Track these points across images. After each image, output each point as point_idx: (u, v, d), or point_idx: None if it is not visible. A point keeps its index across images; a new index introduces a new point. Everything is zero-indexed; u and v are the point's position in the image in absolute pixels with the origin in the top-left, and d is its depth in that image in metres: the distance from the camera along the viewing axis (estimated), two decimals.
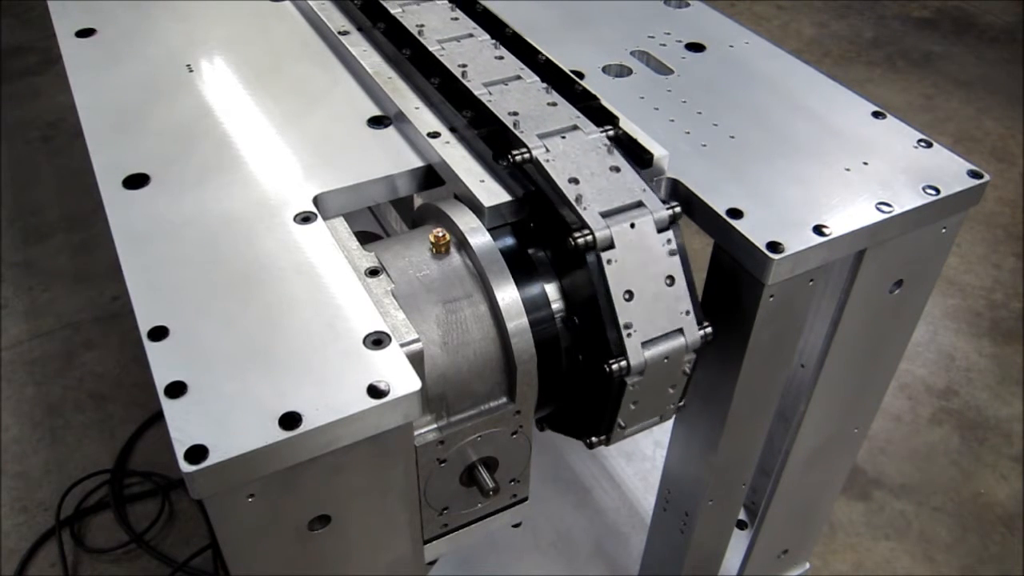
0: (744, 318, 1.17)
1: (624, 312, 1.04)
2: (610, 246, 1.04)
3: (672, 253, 1.08)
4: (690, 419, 1.39)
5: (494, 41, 1.36)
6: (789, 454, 1.48)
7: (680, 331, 1.09)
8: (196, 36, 1.53)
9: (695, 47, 1.52)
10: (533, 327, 1.05)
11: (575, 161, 1.12)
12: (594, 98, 1.23)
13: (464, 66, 1.28)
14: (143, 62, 1.46)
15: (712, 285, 1.21)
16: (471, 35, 1.38)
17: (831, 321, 1.31)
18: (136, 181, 1.19)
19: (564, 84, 1.26)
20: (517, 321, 1.04)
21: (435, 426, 1.06)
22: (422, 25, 1.39)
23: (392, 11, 1.42)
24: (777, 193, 1.19)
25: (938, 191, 1.20)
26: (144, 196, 1.17)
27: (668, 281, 1.08)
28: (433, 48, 1.33)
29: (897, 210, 1.17)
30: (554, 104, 1.21)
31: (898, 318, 1.39)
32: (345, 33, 1.45)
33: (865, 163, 1.26)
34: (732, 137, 1.29)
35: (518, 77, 1.28)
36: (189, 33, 1.54)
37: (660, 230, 1.08)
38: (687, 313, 1.09)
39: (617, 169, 1.12)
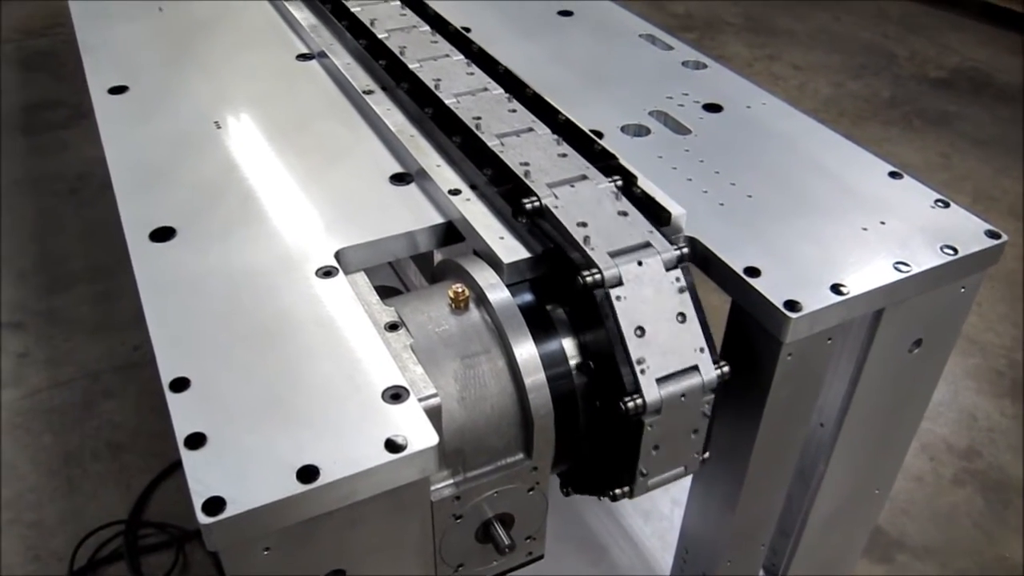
0: (762, 376, 1.16)
1: (636, 348, 1.05)
2: (618, 283, 1.06)
3: (682, 290, 1.09)
4: (708, 477, 1.37)
5: (508, 95, 1.41)
6: (809, 514, 1.46)
7: (696, 368, 1.08)
8: (225, 93, 1.57)
9: (713, 108, 1.54)
10: (550, 382, 1.06)
11: (584, 207, 1.15)
12: (613, 157, 1.25)
13: (479, 118, 1.32)
14: (172, 118, 1.49)
15: (730, 343, 1.21)
16: (485, 88, 1.42)
17: (850, 380, 1.30)
18: (162, 234, 1.21)
19: (583, 143, 1.28)
20: (535, 376, 1.04)
21: (451, 481, 1.06)
22: (439, 79, 1.43)
23: (420, 75, 1.45)
24: (794, 252, 1.20)
25: (956, 251, 1.21)
26: (170, 249, 1.19)
27: (680, 318, 1.08)
28: (449, 101, 1.36)
29: (915, 269, 1.17)
30: (564, 155, 1.25)
31: (918, 378, 1.38)
32: (369, 92, 1.49)
33: (882, 222, 1.26)
34: (749, 196, 1.31)
35: (530, 129, 1.31)
36: (218, 91, 1.58)
37: (668, 269, 1.09)
38: (701, 350, 1.09)
39: (625, 214, 1.15)
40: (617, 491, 1.15)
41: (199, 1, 1.95)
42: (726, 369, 1.11)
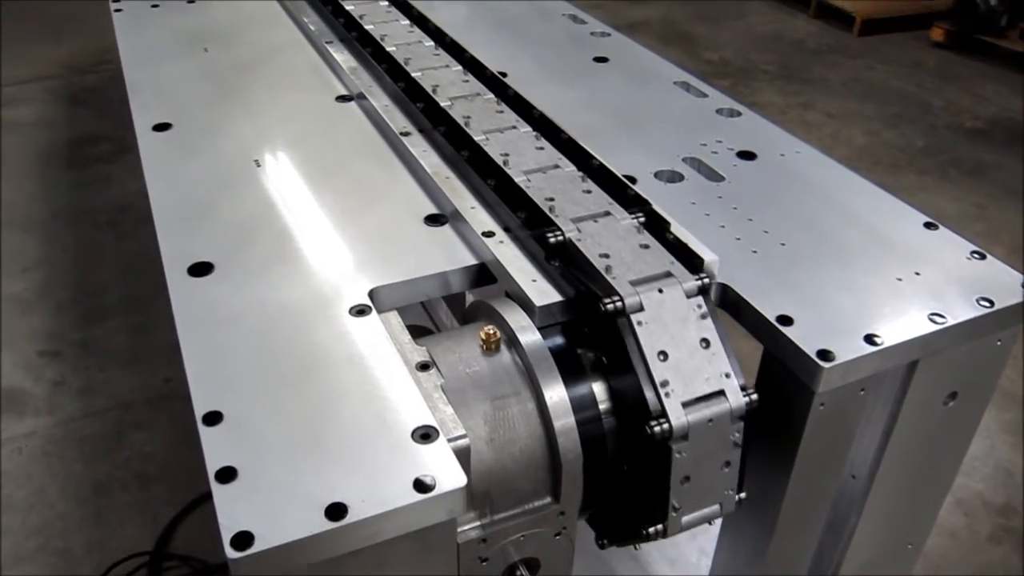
0: (794, 426, 1.15)
1: (659, 371, 1.05)
2: (639, 309, 1.06)
3: (704, 316, 1.09)
4: (737, 526, 1.36)
5: (536, 132, 1.44)
6: (840, 568, 1.43)
7: (722, 393, 1.08)
8: (265, 133, 1.60)
9: (746, 155, 1.55)
10: (580, 426, 1.05)
11: (606, 240, 1.17)
12: (646, 203, 1.26)
13: (506, 154, 1.35)
14: (214, 156, 1.53)
15: (761, 392, 1.20)
16: (514, 126, 1.45)
17: (883, 432, 1.29)
18: (201, 269, 1.24)
19: (617, 189, 1.29)
20: (564, 420, 1.04)
21: (478, 523, 1.06)
22: (468, 116, 1.46)
23: (455, 118, 1.47)
24: (828, 301, 1.19)
25: (992, 303, 1.19)
26: (207, 284, 1.21)
27: (703, 343, 1.08)
28: (479, 138, 1.39)
29: (950, 321, 1.16)
30: (588, 192, 1.27)
31: (953, 431, 1.36)
32: (407, 134, 1.51)
33: (917, 273, 1.26)
34: (783, 244, 1.31)
35: (556, 166, 1.35)
36: (259, 130, 1.61)
37: (690, 297, 1.10)
38: (727, 376, 1.08)
39: (646, 246, 1.16)
40: (650, 530, 1.13)
41: (243, 43, 2.01)
42: (754, 396, 1.09)
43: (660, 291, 1.09)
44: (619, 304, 1.06)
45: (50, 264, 3.54)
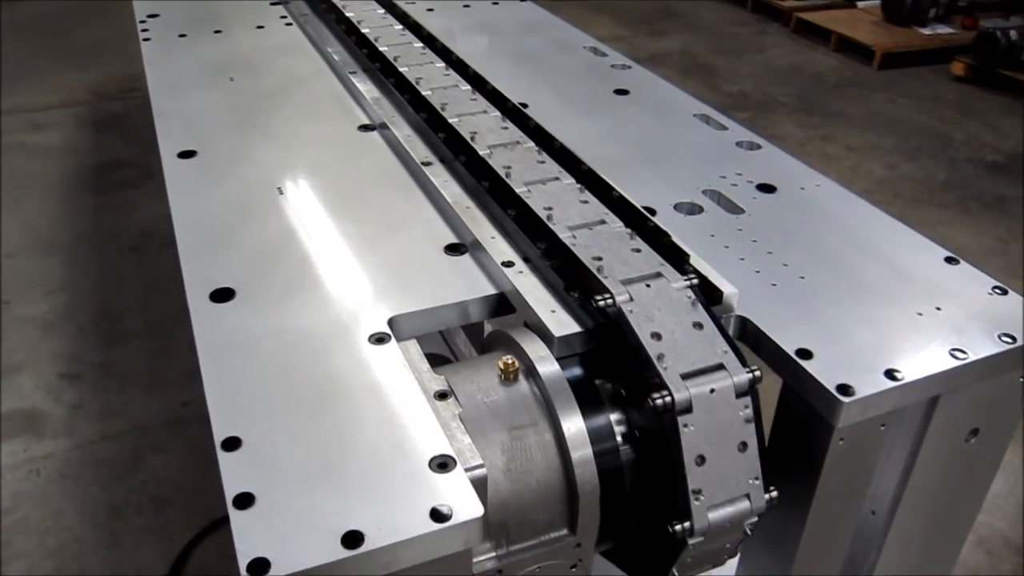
0: (813, 461, 1.14)
1: (695, 478, 1.03)
2: (688, 410, 1.03)
3: (748, 420, 1.07)
4: (755, 563, 1.34)
5: (544, 157, 1.46)
6: None
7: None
8: (288, 161, 1.62)
9: (766, 188, 1.55)
10: (597, 458, 1.05)
11: (658, 314, 1.11)
12: (666, 235, 1.26)
13: (549, 209, 1.32)
14: (237, 183, 1.55)
15: (780, 426, 1.20)
16: (533, 156, 1.46)
17: (903, 468, 1.27)
18: (222, 295, 1.25)
19: (636, 220, 1.29)
20: (582, 451, 1.04)
21: (494, 554, 1.05)
22: (490, 147, 1.48)
23: (480, 152, 1.48)
24: (847, 335, 1.19)
25: (1014, 339, 1.19)
26: (229, 309, 1.23)
27: (741, 447, 1.06)
28: (519, 190, 1.37)
29: (972, 357, 1.16)
30: (638, 251, 1.22)
31: (975, 468, 1.35)
32: (428, 164, 1.53)
33: (938, 308, 1.25)
34: (802, 277, 1.30)
35: (602, 222, 1.29)
36: (282, 158, 1.63)
37: (738, 395, 1.06)
38: (756, 479, 1.07)
39: (700, 326, 1.10)
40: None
41: (269, 72, 2.04)
42: (775, 495, 1.08)
43: (712, 391, 1.05)
44: (668, 400, 1.02)
45: (72, 287, 3.58)
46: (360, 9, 2.22)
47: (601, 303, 1.09)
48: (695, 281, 1.16)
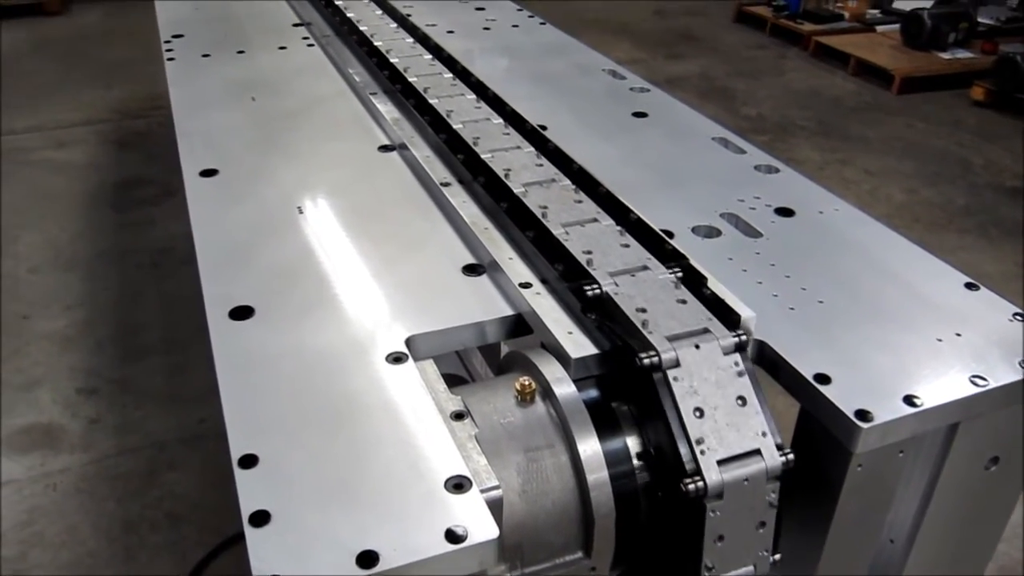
0: (830, 487, 1.14)
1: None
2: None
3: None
4: None
5: (574, 186, 1.46)
6: None
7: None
8: (308, 180, 1.64)
9: (784, 212, 1.55)
10: (613, 481, 1.05)
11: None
12: (683, 257, 1.26)
13: (545, 207, 1.35)
14: (258, 202, 1.56)
15: (797, 451, 1.19)
16: (553, 179, 1.46)
17: (922, 495, 1.26)
18: (241, 313, 1.26)
19: (654, 243, 1.29)
20: (597, 474, 1.04)
21: None
22: (508, 168, 1.49)
23: (495, 169, 1.49)
24: (866, 360, 1.18)
25: None
26: (247, 327, 1.23)
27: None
28: (520, 194, 1.40)
29: (992, 384, 1.15)
30: (627, 246, 1.28)
31: (995, 496, 1.33)
32: (446, 184, 1.54)
33: (958, 334, 1.24)
34: (820, 302, 1.30)
35: (594, 220, 1.35)
36: (302, 177, 1.65)
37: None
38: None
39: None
40: None
41: (290, 93, 2.06)
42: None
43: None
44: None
45: (92, 303, 3.61)
46: (386, 37, 2.24)
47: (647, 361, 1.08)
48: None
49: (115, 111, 5.52)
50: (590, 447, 1.05)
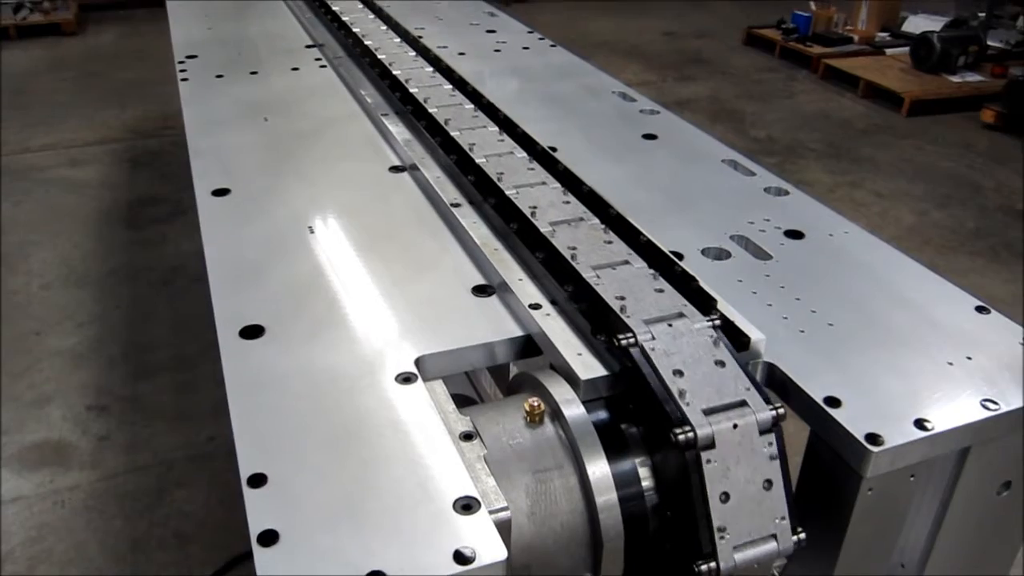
0: (840, 511, 1.13)
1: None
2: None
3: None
4: None
5: (611, 236, 1.41)
6: None
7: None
8: (320, 200, 1.65)
9: (794, 234, 1.55)
10: (622, 503, 1.04)
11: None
12: (693, 279, 1.26)
13: (574, 248, 1.31)
14: (269, 222, 1.57)
15: (807, 474, 1.19)
16: (581, 218, 1.43)
17: (934, 520, 1.25)
18: (252, 332, 1.26)
19: (663, 264, 1.30)
20: (607, 496, 1.03)
21: None
22: (518, 188, 1.49)
23: (506, 191, 1.49)
24: (877, 383, 1.18)
25: None
26: (258, 346, 1.24)
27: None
28: (544, 230, 1.38)
29: (1003, 408, 1.14)
30: (661, 291, 1.22)
31: (1007, 522, 1.32)
32: (457, 205, 1.55)
33: (969, 358, 1.24)
34: (830, 325, 1.30)
35: (626, 262, 1.30)
36: (313, 197, 1.66)
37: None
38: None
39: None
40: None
41: (302, 114, 2.08)
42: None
43: (735, 426, 1.05)
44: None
45: (103, 320, 3.63)
46: (398, 59, 2.26)
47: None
48: (718, 322, 1.18)
49: (129, 130, 5.58)
50: (599, 469, 1.04)
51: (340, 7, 2.78)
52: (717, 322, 1.16)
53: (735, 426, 1.04)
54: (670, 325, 1.14)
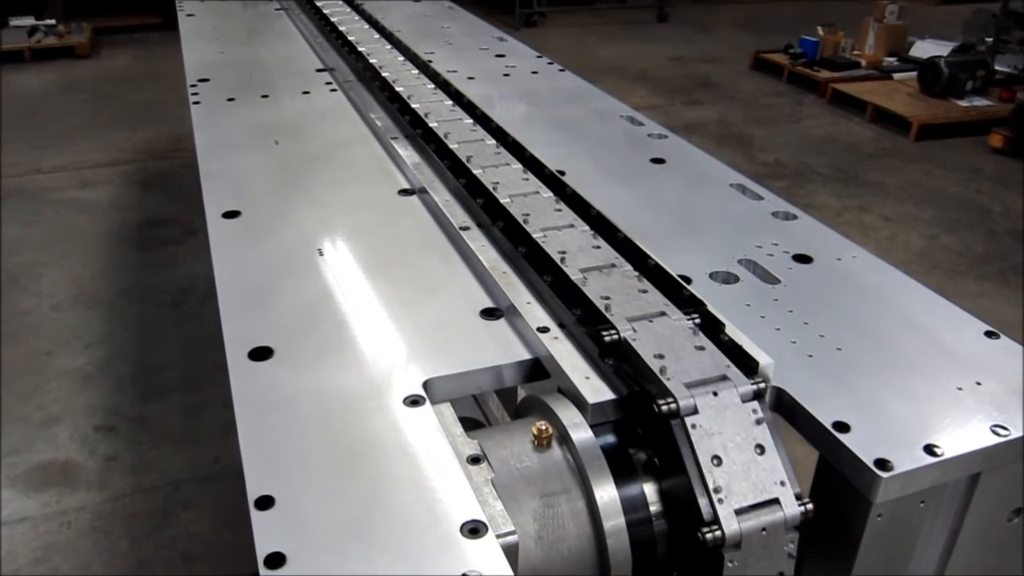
0: (850, 537, 1.12)
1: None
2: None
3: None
4: None
5: (593, 231, 1.44)
6: None
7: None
8: (329, 223, 1.66)
9: (802, 258, 1.55)
10: (630, 528, 1.04)
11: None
12: (701, 303, 1.26)
13: (608, 299, 1.27)
14: (279, 244, 1.58)
15: (817, 500, 1.18)
16: (572, 224, 1.46)
17: (944, 547, 1.24)
18: (261, 353, 1.27)
19: (671, 288, 1.30)
20: (614, 521, 1.03)
21: None
22: (527, 212, 1.50)
23: (534, 235, 1.45)
24: (886, 408, 1.17)
25: None
26: (266, 368, 1.24)
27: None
28: (539, 239, 1.40)
29: (1014, 434, 1.13)
30: (645, 291, 1.27)
31: (1019, 549, 1.31)
32: (466, 228, 1.55)
33: (978, 383, 1.23)
34: (839, 349, 1.29)
35: (613, 265, 1.35)
36: (323, 220, 1.67)
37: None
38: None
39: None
40: None
41: (313, 137, 2.09)
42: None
43: (715, 394, 1.08)
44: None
45: (112, 341, 3.64)
46: (408, 83, 2.28)
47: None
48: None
49: (140, 152, 5.62)
50: (607, 493, 1.04)
51: (354, 36, 2.80)
52: (761, 386, 1.13)
53: (715, 394, 1.07)
54: (715, 394, 1.10)
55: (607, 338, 1.17)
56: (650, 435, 1.11)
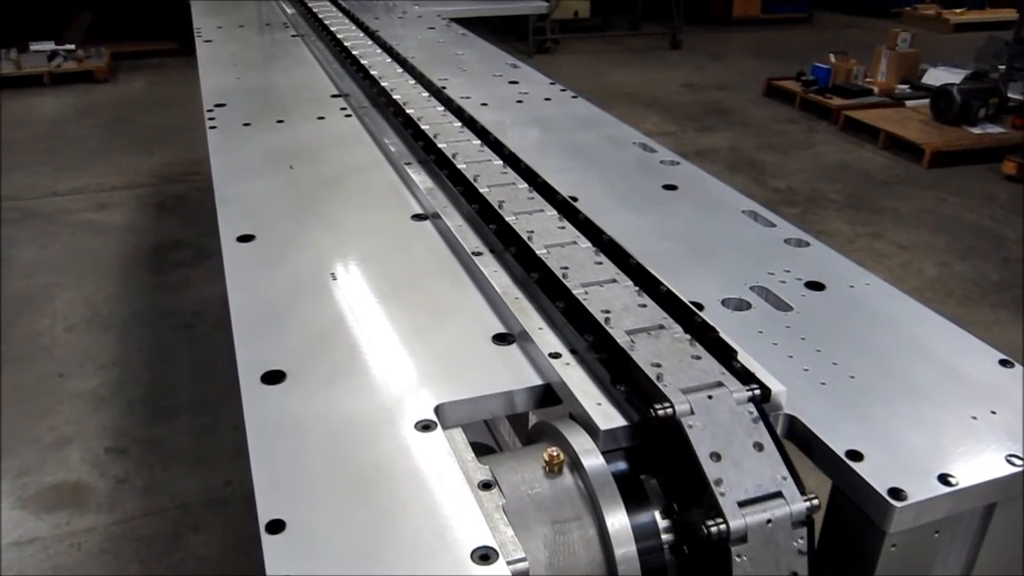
0: (864, 567, 1.11)
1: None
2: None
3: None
4: None
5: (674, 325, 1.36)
6: None
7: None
8: (342, 247, 1.67)
9: (815, 285, 1.55)
10: (641, 556, 1.03)
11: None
12: (713, 330, 1.26)
13: (659, 366, 1.20)
14: (293, 268, 1.59)
15: (829, 529, 1.17)
16: (661, 326, 1.30)
17: None
18: (273, 377, 1.27)
19: (683, 315, 1.30)
20: (625, 549, 1.02)
21: None
22: (531, 230, 1.50)
23: (574, 291, 1.40)
24: (899, 437, 1.16)
25: None
26: (279, 392, 1.24)
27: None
28: (622, 340, 1.28)
29: None
30: (698, 357, 1.19)
31: None
32: (478, 254, 1.56)
33: (993, 412, 1.22)
34: (852, 377, 1.29)
35: (719, 384, 1.15)
36: (336, 244, 1.68)
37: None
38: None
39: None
40: None
41: (327, 162, 2.11)
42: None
43: (709, 397, 1.09)
44: (669, 411, 1.06)
45: (125, 363, 3.66)
46: (421, 108, 2.30)
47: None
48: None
49: (156, 175, 5.67)
50: (618, 520, 1.04)
51: (368, 61, 2.83)
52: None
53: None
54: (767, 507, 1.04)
55: (660, 412, 1.09)
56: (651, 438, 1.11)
